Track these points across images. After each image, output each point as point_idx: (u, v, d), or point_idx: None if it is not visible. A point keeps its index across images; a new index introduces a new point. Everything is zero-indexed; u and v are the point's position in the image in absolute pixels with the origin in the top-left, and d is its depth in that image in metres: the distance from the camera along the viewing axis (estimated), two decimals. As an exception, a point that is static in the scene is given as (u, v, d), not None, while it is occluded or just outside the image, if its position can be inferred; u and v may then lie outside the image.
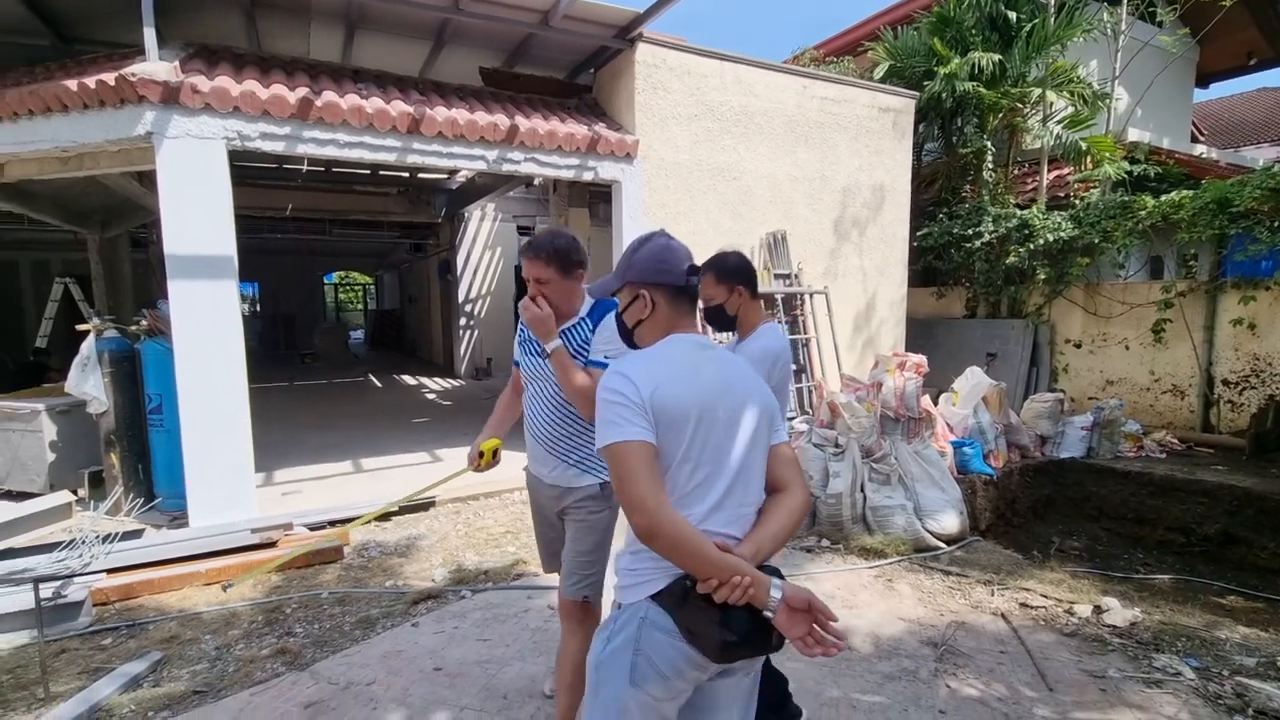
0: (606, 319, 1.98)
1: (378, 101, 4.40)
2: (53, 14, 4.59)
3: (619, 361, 1.37)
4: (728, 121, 5.80)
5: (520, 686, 2.62)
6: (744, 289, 2.21)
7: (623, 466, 1.19)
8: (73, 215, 8.07)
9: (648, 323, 1.44)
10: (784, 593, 1.18)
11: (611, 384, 1.27)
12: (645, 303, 1.42)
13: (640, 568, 1.25)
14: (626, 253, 1.46)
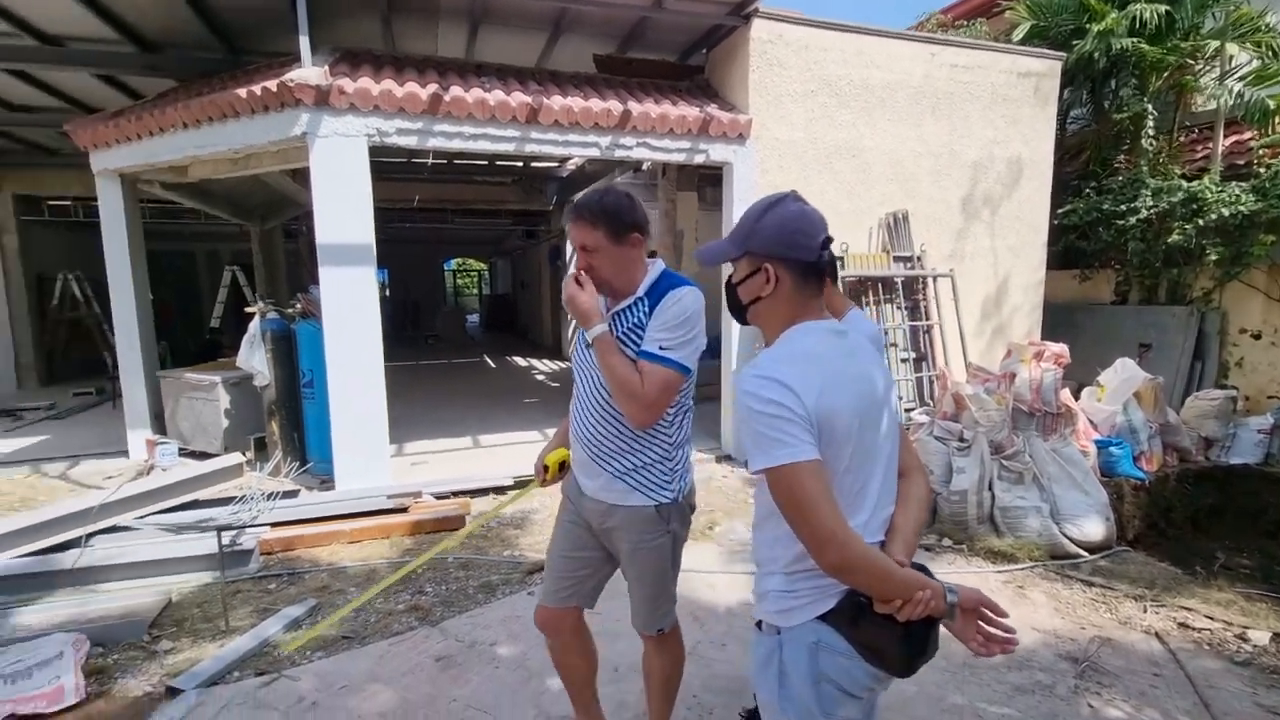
0: (668, 300, 1.64)
1: (499, 94, 4.59)
2: (225, 29, 5.16)
3: (760, 365, 1.15)
4: (846, 96, 5.52)
5: (631, 662, 2.69)
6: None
7: (799, 492, 1.05)
8: (239, 210, 9.10)
9: (767, 302, 1.23)
10: (959, 597, 1.11)
11: (765, 393, 1.09)
12: (768, 278, 1.20)
13: (800, 589, 1.15)
14: (749, 216, 1.24)
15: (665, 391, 1.60)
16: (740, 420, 1.14)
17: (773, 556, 1.19)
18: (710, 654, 2.74)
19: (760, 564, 1.25)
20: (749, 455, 1.12)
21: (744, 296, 1.27)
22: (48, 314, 9.54)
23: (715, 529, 4.08)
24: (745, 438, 1.12)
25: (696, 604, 3.18)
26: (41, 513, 3.65)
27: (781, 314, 1.23)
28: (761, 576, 1.23)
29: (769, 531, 1.19)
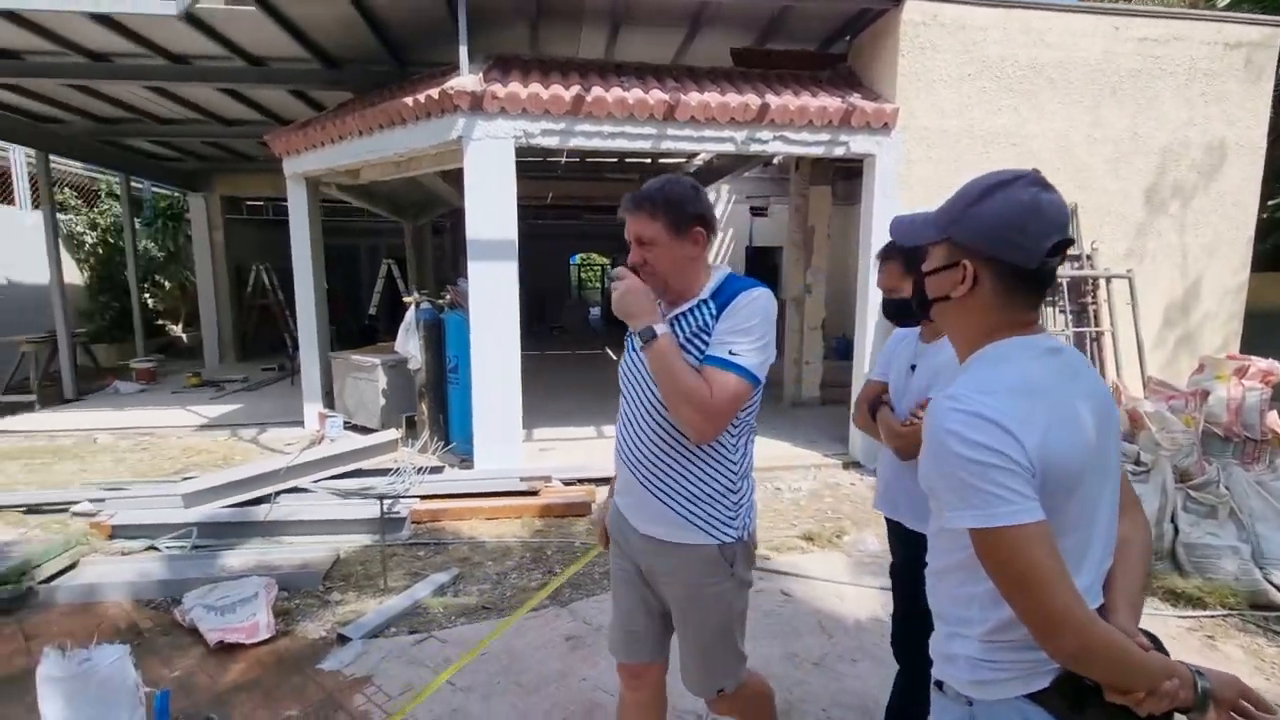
0: (740, 299, 1.42)
1: (638, 92, 4.67)
2: (395, 43, 5.68)
3: (963, 395, 0.91)
4: (1009, 79, 5.04)
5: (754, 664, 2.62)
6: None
7: (1024, 563, 0.86)
8: (396, 208, 10.01)
9: (958, 305, 1.00)
10: (1212, 685, 0.90)
11: (974, 434, 0.87)
12: (963, 276, 0.97)
13: (1001, 660, 0.96)
14: (966, 194, 0.98)
15: (734, 402, 1.38)
16: (935, 459, 0.93)
17: (964, 618, 0.99)
18: (841, 668, 2.63)
19: (944, 619, 1.05)
20: (946, 505, 0.92)
21: (931, 290, 1.05)
22: (243, 300, 11.07)
23: (844, 538, 3.91)
24: (941, 482, 0.93)
25: (824, 614, 3.07)
26: (242, 470, 4.24)
27: (974, 324, 1.00)
28: (947, 636, 1.03)
29: (959, 587, 1.00)
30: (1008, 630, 0.94)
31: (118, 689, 1.92)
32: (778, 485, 4.86)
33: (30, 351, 7.59)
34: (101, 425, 6.46)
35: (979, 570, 0.92)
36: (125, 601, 3.12)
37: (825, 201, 7.27)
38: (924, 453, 0.96)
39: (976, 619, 0.97)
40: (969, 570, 0.95)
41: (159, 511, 3.89)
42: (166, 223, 11.69)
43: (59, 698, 1.82)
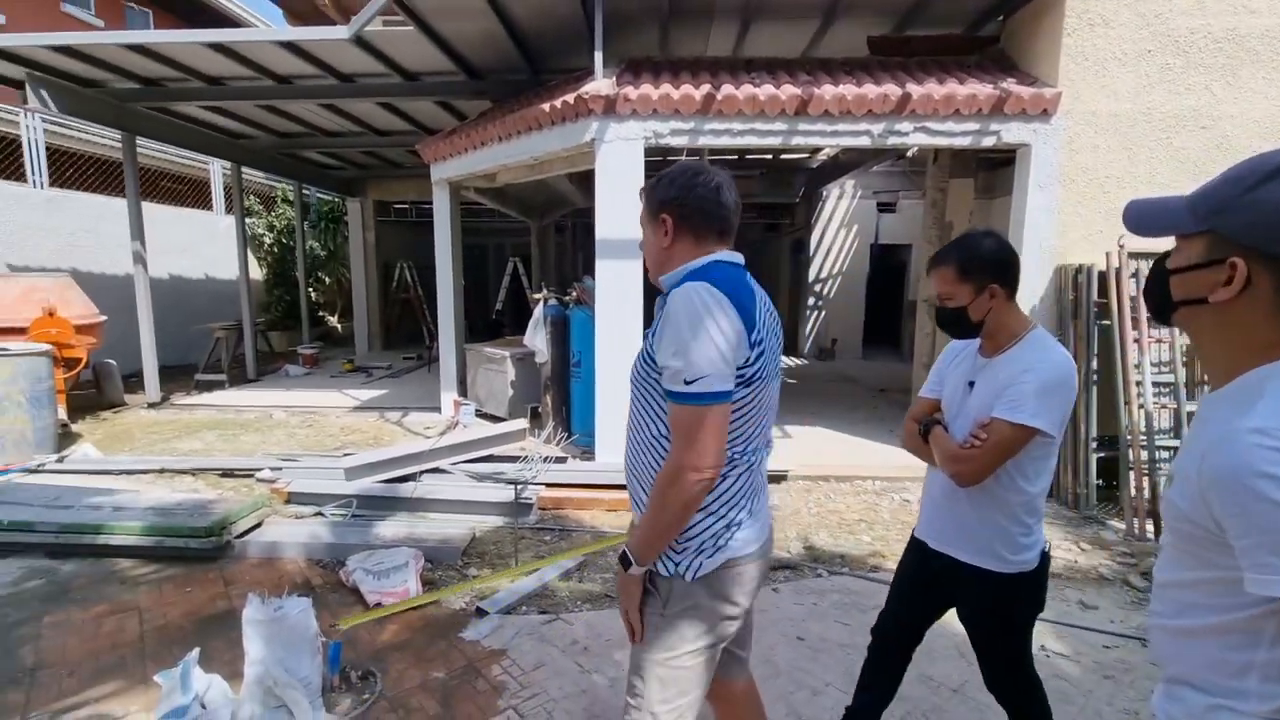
0: (672, 301, 1.26)
1: (769, 88, 4.59)
2: (533, 52, 5.98)
3: (1272, 426, 0.75)
4: (1200, 53, 4.42)
5: (887, 684, 2.53)
6: (998, 288, 1.60)
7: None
8: (524, 209, 10.54)
9: (1216, 312, 0.84)
10: None
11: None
12: (1231, 277, 0.81)
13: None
14: (1238, 179, 0.82)
15: (701, 440, 1.23)
16: (1236, 506, 0.77)
17: (1238, 690, 0.84)
18: (983, 699, 2.43)
19: (1203, 688, 0.89)
20: (1258, 565, 0.76)
21: (1178, 292, 0.89)
22: (389, 294, 12.16)
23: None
24: (1245, 536, 0.77)
25: (961, 639, 2.84)
26: (392, 450, 4.66)
27: (1241, 336, 0.84)
28: (1210, 709, 0.87)
29: (1230, 652, 0.85)
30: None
31: (302, 636, 2.18)
32: (906, 497, 4.60)
33: (223, 337, 8.81)
34: (276, 403, 7.37)
35: (1263, 636, 0.80)
36: (300, 559, 3.54)
37: (966, 195, 6.76)
38: (1197, 493, 0.82)
39: (1256, 692, 0.83)
40: (1249, 635, 0.82)
41: (324, 482, 4.37)
42: (328, 225, 13.11)
43: (258, 638, 2.11)
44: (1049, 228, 4.65)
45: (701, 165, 1.40)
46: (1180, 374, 4.22)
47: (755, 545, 1.37)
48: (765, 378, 1.32)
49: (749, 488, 1.36)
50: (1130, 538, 3.98)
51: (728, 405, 1.23)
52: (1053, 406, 1.53)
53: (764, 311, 1.34)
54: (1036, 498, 1.65)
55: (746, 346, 1.25)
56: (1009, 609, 1.72)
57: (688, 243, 1.37)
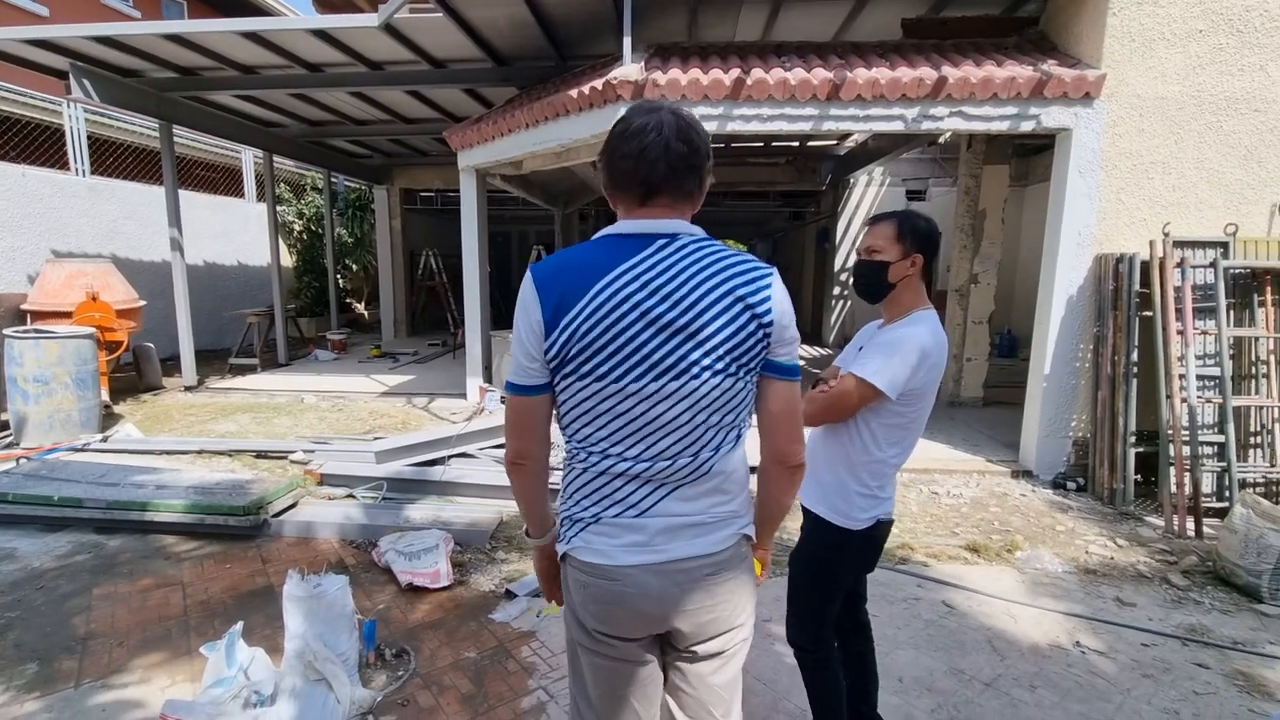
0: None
1: (800, 72, 4.51)
2: (559, 39, 5.95)
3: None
4: (1255, 32, 4.24)
5: (916, 675, 2.52)
6: (920, 260, 1.72)
7: None
8: (549, 197, 10.54)
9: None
10: None
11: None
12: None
13: None
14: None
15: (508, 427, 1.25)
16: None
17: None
18: (1017, 694, 2.42)
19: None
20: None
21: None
22: (414, 281, 12.30)
23: (1016, 553, 3.57)
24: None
25: (994, 632, 2.83)
26: (421, 435, 4.73)
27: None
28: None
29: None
30: None
31: (340, 613, 2.24)
32: (935, 489, 4.54)
33: (255, 322, 8.99)
34: (307, 388, 7.52)
35: None
36: (334, 539, 3.62)
37: (1000, 182, 6.60)
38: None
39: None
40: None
41: (355, 464, 4.45)
42: (356, 212, 13.26)
43: (299, 613, 2.16)
44: (1089, 215, 4.52)
45: (640, 110, 1.14)
46: (1226, 366, 4.09)
47: (604, 560, 1.15)
48: (597, 375, 1.10)
49: (598, 492, 1.17)
50: (1169, 535, 3.89)
51: (519, 399, 1.18)
52: (895, 369, 1.63)
53: (623, 295, 1.09)
54: (884, 464, 1.74)
55: (541, 335, 1.12)
56: (828, 554, 1.80)
57: (619, 210, 1.19)
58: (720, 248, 1.15)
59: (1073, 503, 4.37)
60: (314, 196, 12.89)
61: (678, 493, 1.16)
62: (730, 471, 1.19)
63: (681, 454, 1.14)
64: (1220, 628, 2.89)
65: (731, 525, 1.20)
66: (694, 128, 1.13)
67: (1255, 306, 4.24)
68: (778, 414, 1.19)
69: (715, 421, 1.14)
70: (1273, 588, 3.08)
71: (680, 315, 1.09)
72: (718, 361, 1.10)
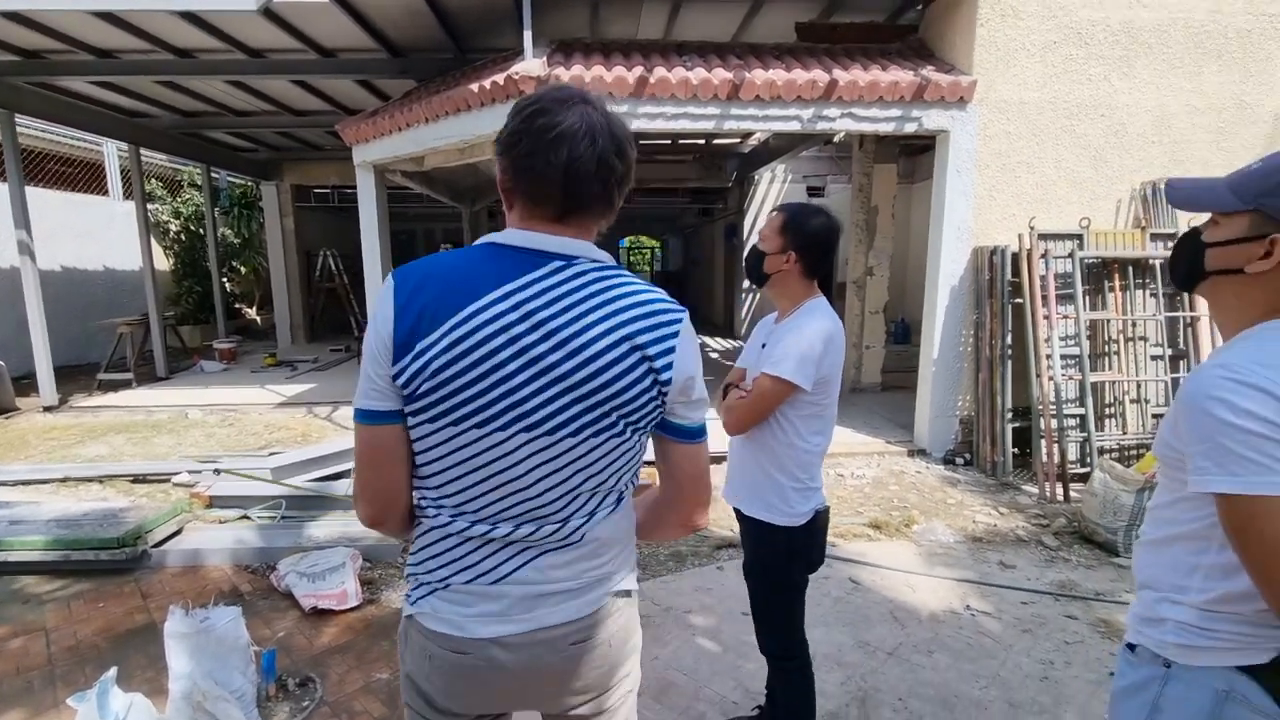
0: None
1: (701, 71, 4.60)
2: (458, 31, 5.76)
3: (1234, 365, 0.89)
4: (1099, 45, 4.73)
5: (826, 651, 2.64)
6: (795, 258, 1.75)
7: (1278, 532, 0.84)
8: (455, 194, 10.21)
9: (1246, 282, 0.97)
10: None
11: (1246, 403, 0.85)
12: (1270, 251, 0.93)
13: (1220, 630, 0.97)
14: (1278, 167, 0.94)
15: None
16: (1193, 425, 0.91)
17: (1182, 585, 1.01)
18: (916, 659, 2.59)
19: (1155, 587, 1.06)
20: (1196, 470, 0.91)
21: (1216, 263, 1.00)
22: (312, 284, 11.57)
23: (913, 527, 3.83)
24: (1196, 447, 0.91)
25: (895, 603, 3.03)
26: (322, 448, 4.46)
27: (1261, 301, 0.96)
28: (1157, 601, 1.05)
29: (1184, 556, 1.01)
30: (1233, 603, 0.95)
31: (233, 646, 2.07)
32: (840, 472, 4.79)
33: (127, 333, 8.16)
34: (191, 402, 6.91)
35: (1212, 542, 0.96)
36: (226, 566, 3.35)
37: (890, 180, 7.03)
38: (1174, 420, 0.96)
39: (1196, 588, 0.99)
40: (1200, 540, 0.98)
41: (251, 484, 4.13)
42: (242, 211, 12.30)
43: (183, 651, 1.98)
44: (966, 210, 4.89)
45: (561, 101, 0.92)
46: (1084, 347, 4.56)
47: (454, 631, 0.98)
48: (453, 419, 0.90)
49: (447, 554, 0.98)
50: (1043, 500, 4.30)
51: (371, 430, 0.94)
52: (806, 363, 1.67)
53: (499, 325, 0.89)
54: (810, 453, 1.78)
55: (390, 357, 0.91)
56: (780, 560, 1.82)
57: (514, 215, 0.97)
58: (626, 280, 0.97)
59: (961, 476, 4.74)
60: (192, 193, 11.83)
61: (542, 559, 0.98)
62: (606, 538, 1.02)
63: (548, 520, 0.96)
64: (1085, 581, 3.23)
65: (603, 586, 1.04)
66: (628, 136, 0.96)
67: (1106, 292, 4.75)
68: (681, 480, 1.06)
69: (592, 485, 0.97)
70: (1127, 542, 3.47)
71: (563, 358, 0.90)
72: (601, 418, 0.93)
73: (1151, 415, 4.71)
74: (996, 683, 2.45)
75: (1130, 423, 4.69)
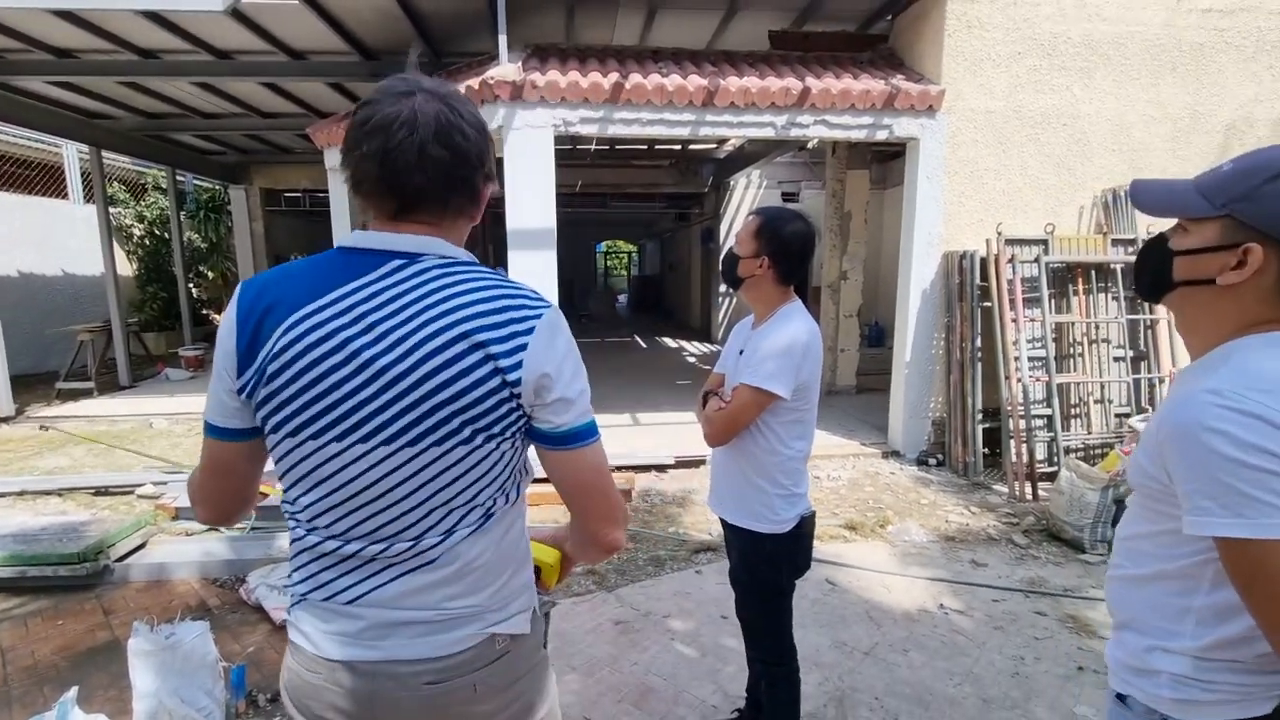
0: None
1: (676, 78, 4.63)
2: (432, 35, 5.71)
3: (1232, 393, 0.80)
4: (1061, 56, 4.87)
5: (804, 652, 2.63)
6: (769, 263, 1.74)
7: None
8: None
9: (1216, 292, 0.88)
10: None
11: (1251, 436, 0.77)
12: (1241, 261, 0.85)
13: (1218, 681, 0.89)
14: (1257, 169, 0.85)
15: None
16: (1189, 460, 0.82)
17: (1173, 631, 0.92)
18: (892, 658, 2.63)
19: (1141, 631, 0.96)
20: (1198, 509, 0.82)
21: (1184, 273, 0.91)
22: (283, 289, 11.32)
23: (887, 528, 3.89)
24: (1195, 485, 0.82)
25: (871, 604, 3.06)
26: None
27: (1234, 314, 0.88)
28: (1147, 650, 0.95)
29: (1169, 599, 0.93)
30: (1230, 649, 0.87)
31: (200, 663, 2.02)
32: (817, 474, 4.84)
33: (88, 340, 7.91)
34: (156, 411, 6.72)
35: (1202, 581, 0.87)
36: (193, 579, 3.26)
37: (863, 186, 7.15)
38: (1156, 450, 0.87)
39: (1189, 634, 0.90)
40: (1188, 580, 0.89)
41: (218, 495, 4.03)
42: (209, 215, 12.01)
43: (148, 669, 1.92)
44: (936, 216, 5.00)
45: (387, 93, 0.86)
46: (1050, 349, 4.68)
47: (308, 646, 0.93)
48: (290, 430, 0.87)
49: (305, 569, 0.95)
50: (1013, 499, 4.39)
51: (216, 445, 0.93)
52: (785, 370, 1.65)
53: (329, 330, 0.85)
54: (794, 459, 1.78)
55: (234, 370, 0.88)
56: (767, 568, 1.82)
57: (369, 218, 0.93)
58: (475, 275, 0.89)
59: (934, 477, 4.83)
60: (157, 197, 11.53)
61: (398, 582, 0.91)
62: (473, 560, 0.92)
63: (398, 536, 0.90)
64: (1054, 578, 3.31)
65: (474, 624, 0.94)
66: (460, 124, 0.86)
67: (1070, 295, 4.88)
68: (572, 491, 0.97)
69: (444, 499, 0.89)
70: (1093, 539, 3.56)
71: (394, 361, 0.84)
72: (441, 424, 0.86)
73: (1115, 415, 4.85)
74: (970, 679, 2.49)
75: (1095, 423, 4.82)
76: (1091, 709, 2.32)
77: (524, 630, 0.99)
